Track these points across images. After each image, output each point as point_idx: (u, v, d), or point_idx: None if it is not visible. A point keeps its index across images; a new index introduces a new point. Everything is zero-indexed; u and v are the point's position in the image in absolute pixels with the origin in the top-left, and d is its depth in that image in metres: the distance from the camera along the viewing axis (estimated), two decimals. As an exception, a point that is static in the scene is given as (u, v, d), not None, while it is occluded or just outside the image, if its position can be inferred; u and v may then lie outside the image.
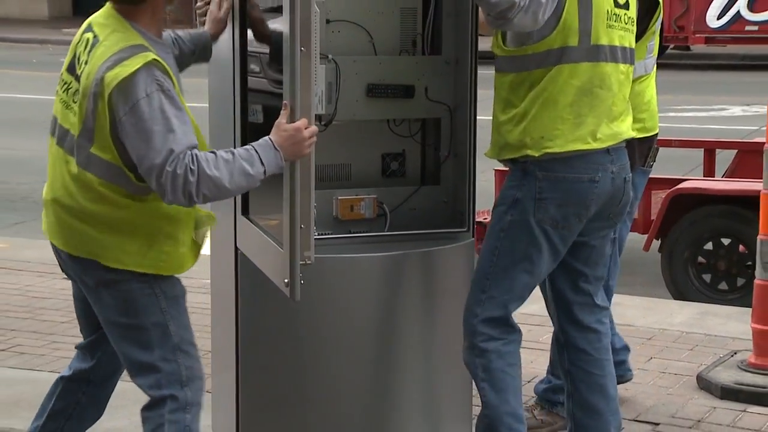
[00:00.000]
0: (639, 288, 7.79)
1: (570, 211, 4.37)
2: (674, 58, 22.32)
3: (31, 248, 8.70)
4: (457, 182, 4.79)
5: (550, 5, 4.10)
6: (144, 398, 3.99)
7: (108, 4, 3.90)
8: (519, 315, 5.05)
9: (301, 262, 3.87)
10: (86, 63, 3.78)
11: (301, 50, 3.72)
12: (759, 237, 5.89)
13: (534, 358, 5.87)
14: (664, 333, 6.58)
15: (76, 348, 4.40)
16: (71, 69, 3.89)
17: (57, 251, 4.05)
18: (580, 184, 4.38)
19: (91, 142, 3.75)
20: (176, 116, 3.68)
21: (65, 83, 3.92)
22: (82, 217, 3.87)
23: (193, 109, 3.85)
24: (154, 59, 3.67)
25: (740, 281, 7.37)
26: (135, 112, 3.64)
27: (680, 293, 7.50)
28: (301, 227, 3.87)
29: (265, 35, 4.70)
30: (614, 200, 4.50)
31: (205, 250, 4.63)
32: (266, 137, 3.74)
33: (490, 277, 4.47)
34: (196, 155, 3.62)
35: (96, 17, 3.93)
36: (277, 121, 3.76)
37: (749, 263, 7.00)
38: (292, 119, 3.74)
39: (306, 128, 3.70)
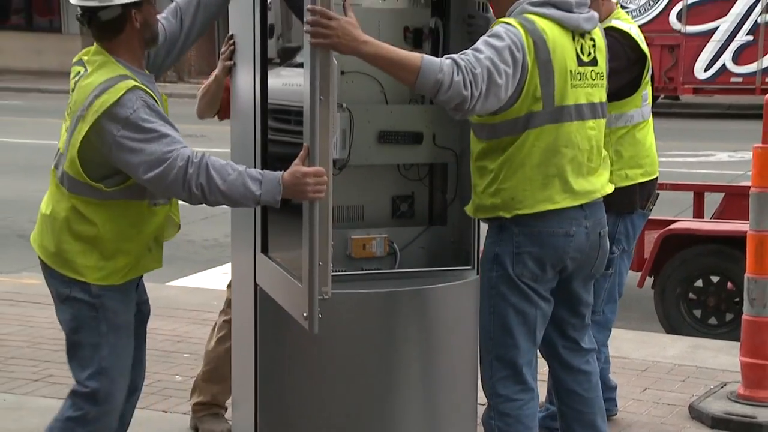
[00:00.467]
0: (634, 322, 7.76)
1: (547, 263, 4.35)
2: (664, 107, 22.41)
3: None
4: (462, 223, 4.76)
5: (511, 81, 4.07)
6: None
7: (96, 46, 4.07)
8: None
9: (319, 297, 3.85)
10: (73, 91, 3.98)
11: (320, 99, 3.71)
12: (746, 275, 5.89)
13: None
14: (657, 365, 6.56)
15: None
16: (70, 99, 4.05)
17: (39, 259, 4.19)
18: (555, 237, 4.34)
19: (65, 159, 3.96)
20: (166, 124, 3.87)
21: (67, 110, 4.09)
22: (52, 227, 4.07)
23: (215, 155, 3.88)
24: (136, 85, 3.82)
25: (729, 316, 7.37)
26: (128, 127, 3.80)
27: (672, 328, 7.49)
28: (319, 264, 3.85)
29: None
30: (591, 254, 4.47)
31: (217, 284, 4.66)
32: (281, 171, 3.79)
33: (494, 337, 4.45)
34: (198, 152, 3.79)
35: (85, 53, 4.08)
36: (296, 160, 3.78)
37: (737, 299, 7.00)
38: (309, 162, 3.74)
39: (316, 175, 3.70)
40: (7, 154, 17.67)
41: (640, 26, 5.47)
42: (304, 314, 3.95)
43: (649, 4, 23.06)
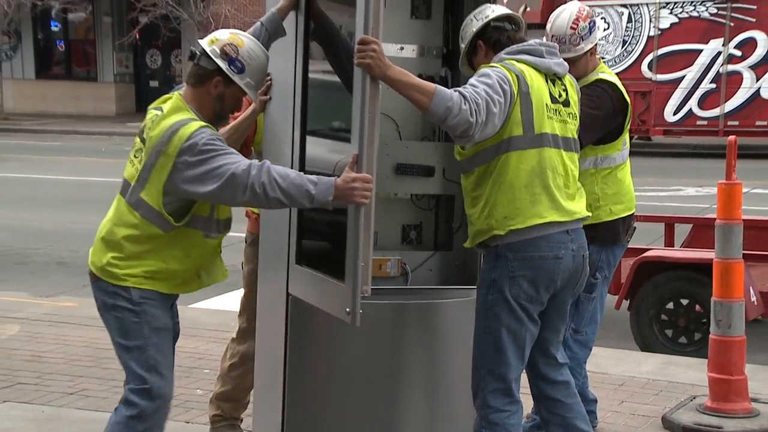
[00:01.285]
0: (611, 341, 7.71)
1: (540, 285, 4.38)
2: (638, 147, 22.37)
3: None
4: (466, 250, 4.74)
5: (503, 110, 4.17)
6: None
7: (176, 93, 4.13)
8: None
9: (360, 294, 3.92)
10: (151, 129, 4.00)
11: (368, 116, 3.85)
12: (712, 298, 5.87)
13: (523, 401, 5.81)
14: (633, 380, 6.52)
15: None
16: (141, 135, 4.10)
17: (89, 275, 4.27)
18: (546, 261, 4.38)
19: (143, 188, 3.95)
20: (229, 148, 3.92)
21: (135, 146, 4.10)
22: (113, 245, 4.12)
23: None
24: (206, 125, 3.89)
25: (697, 336, 7.34)
26: (197, 153, 3.86)
27: (646, 346, 7.47)
28: (361, 264, 3.91)
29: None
30: (575, 275, 4.51)
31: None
32: (334, 177, 3.85)
33: (487, 354, 4.45)
34: (259, 160, 3.89)
35: (162, 100, 4.16)
36: (345, 170, 3.84)
37: (704, 320, 6.99)
38: (357, 170, 3.82)
39: (364, 181, 3.79)
40: (47, 189, 17.64)
41: (615, 74, 5.47)
42: (347, 310, 3.99)
43: (624, 55, 23.24)
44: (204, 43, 4.07)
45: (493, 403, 4.46)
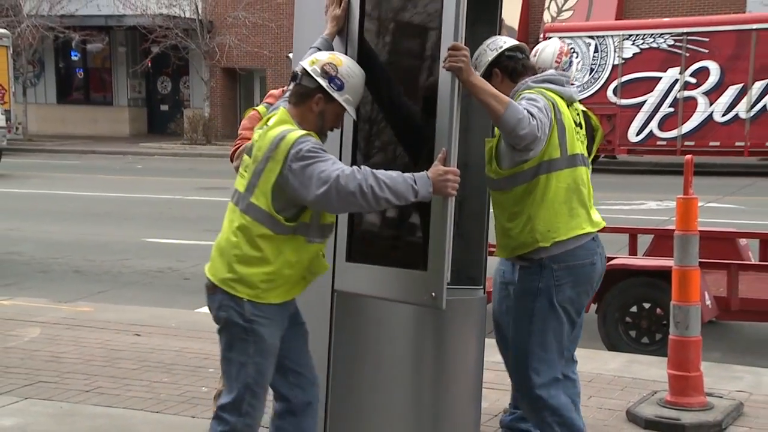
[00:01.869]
0: (581, 342, 7.67)
1: (581, 290, 4.56)
2: (604, 165, 22.48)
3: (111, 311, 8.64)
4: (464, 255, 4.85)
5: (547, 132, 4.26)
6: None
7: (281, 108, 4.06)
8: (489, 363, 5.03)
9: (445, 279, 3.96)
10: (259, 141, 3.97)
11: (456, 115, 3.96)
12: (672, 302, 5.86)
13: (499, 397, 5.79)
14: (600, 377, 6.50)
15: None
16: (249, 152, 4.05)
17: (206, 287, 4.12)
18: (584, 268, 4.53)
19: (251, 194, 3.92)
20: (335, 158, 3.90)
21: (244, 162, 4.08)
22: (224, 250, 3.99)
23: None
24: (309, 132, 3.90)
25: (658, 336, 7.32)
26: (302, 158, 3.80)
27: (612, 346, 7.45)
28: (448, 251, 3.94)
29: None
30: (600, 278, 4.67)
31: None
32: (425, 172, 3.82)
33: (530, 354, 4.54)
34: (361, 166, 3.81)
35: (266, 119, 4.12)
36: (435, 162, 3.86)
37: (665, 322, 6.97)
38: (446, 164, 3.86)
39: (455, 174, 3.83)
40: (66, 204, 17.56)
41: (584, 99, 5.50)
42: (433, 294, 3.97)
43: (591, 82, 23.39)
44: (305, 63, 4.00)
45: (545, 394, 4.55)
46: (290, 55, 5.26)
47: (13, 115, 28.64)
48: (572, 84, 4.92)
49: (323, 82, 3.93)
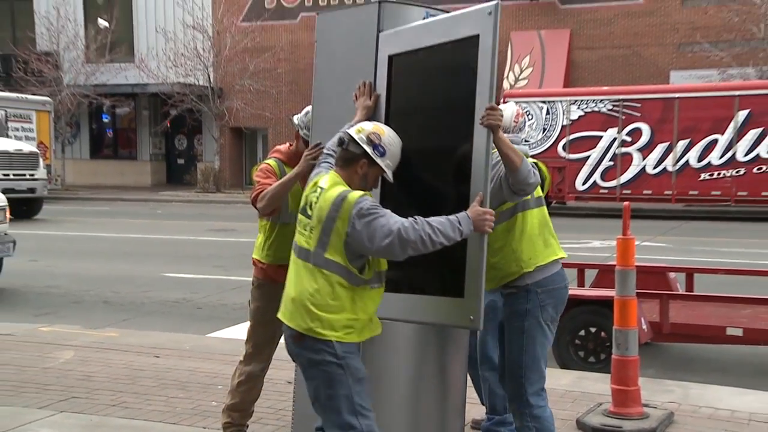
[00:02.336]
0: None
1: (559, 309, 4.66)
2: (556, 209, 22.51)
3: (134, 336, 8.58)
4: None
5: None
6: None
7: (331, 172, 4.03)
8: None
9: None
10: (316, 203, 3.91)
11: (490, 162, 3.96)
12: (614, 327, 5.86)
13: (468, 409, 5.75)
14: (553, 391, 6.41)
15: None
16: (304, 212, 4.00)
17: (286, 332, 4.01)
18: (561, 290, 4.66)
19: (325, 251, 3.85)
20: (390, 212, 3.83)
21: (302, 222, 4.01)
22: (305, 303, 3.88)
23: (241, 245, 3.82)
24: (365, 193, 3.89)
25: (602, 356, 7.31)
26: (365, 216, 3.77)
27: (564, 364, 7.43)
28: (481, 280, 3.93)
29: None
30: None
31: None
32: (465, 212, 3.84)
33: (526, 367, 4.56)
34: (414, 217, 3.79)
35: (316, 182, 4.06)
36: (473, 204, 3.88)
37: (608, 344, 6.97)
38: (482, 205, 3.88)
39: (491, 215, 3.87)
40: (97, 244, 17.52)
41: (538, 154, 5.53)
42: (471, 317, 3.95)
43: (544, 139, 23.70)
44: (351, 131, 3.96)
45: (535, 402, 4.56)
46: (294, 117, 5.25)
47: (53, 169, 28.69)
48: (526, 141, 4.98)
49: (368, 149, 3.91)
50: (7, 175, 22.01)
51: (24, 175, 22.72)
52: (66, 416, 6.02)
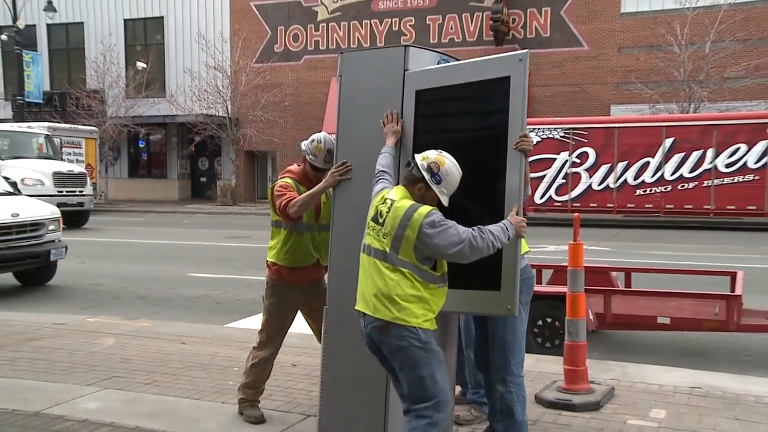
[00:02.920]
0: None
1: (530, 294, 4.64)
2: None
3: (164, 326, 8.53)
4: None
5: None
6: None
7: (400, 186, 4.02)
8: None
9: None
10: (388, 213, 3.86)
11: (523, 181, 4.04)
12: (566, 318, 5.87)
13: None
14: (515, 371, 6.47)
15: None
16: (375, 220, 3.94)
17: (366, 324, 3.90)
18: (531, 279, 4.65)
19: (398, 252, 3.81)
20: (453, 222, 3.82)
21: (375, 228, 3.93)
22: (390, 295, 3.80)
23: (253, 250, 3.78)
24: (433, 207, 3.85)
25: (557, 342, 7.31)
26: (435, 226, 3.75)
27: (525, 349, 7.40)
28: (516, 276, 4.00)
29: None
30: None
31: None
32: (507, 220, 3.93)
33: (510, 343, 4.55)
34: (477, 227, 3.82)
35: (384, 196, 4.01)
36: (511, 213, 3.97)
37: (561, 332, 6.94)
38: (518, 214, 3.98)
39: (525, 222, 3.98)
40: (133, 248, 17.46)
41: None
42: (509, 307, 4.00)
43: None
44: (418, 158, 3.95)
45: (517, 371, 4.56)
46: (302, 143, 5.22)
47: (98, 186, 29.05)
48: None
49: (427, 176, 3.89)
50: (61, 191, 22.13)
51: (74, 191, 22.82)
52: (109, 392, 6.00)
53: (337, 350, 4.62)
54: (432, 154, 3.94)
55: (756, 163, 21.37)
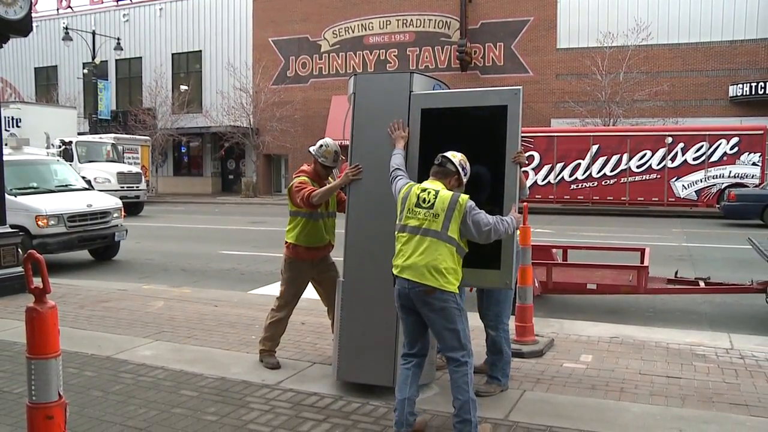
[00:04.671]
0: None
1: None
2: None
3: (201, 293, 8.46)
4: None
5: None
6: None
7: (436, 180, 3.93)
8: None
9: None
10: (435, 198, 3.79)
11: (517, 187, 4.09)
12: (517, 285, 5.75)
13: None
14: (477, 327, 6.45)
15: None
16: (418, 205, 3.82)
17: (411, 287, 3.76)
18: None
19: (447, 230, 3.75)
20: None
21: (419, 212, 3.82)
22: (438, 267, 3.74)
23: (269, 233, 3.75)
24: (467, 196, 3.83)
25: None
26: (473, 214, 3.77)
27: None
28: (513, 258, 4.06)
29: None
30: None
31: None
32: (511, 215, 3.94)
33: (501, 303, 4.66)
34: (498, 216, 3.86)
35: (424, 186, 3.90)
36: (512, 211, 3.99)
37: (514, 297, 6.90)
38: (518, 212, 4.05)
39: (520, 217, 4.04)
40: (176, 231, 17.32)
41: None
42: (506, 282, 4.06)
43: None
44: (448, 155, 3.92)
45: (506, 321, 4.73)
46: (311, 148, 5.12)
47: (150, 183, 29.09)
48: None
49: (461, 170, 3.90)
50: (123, 187, 22.41)
51: (132, 187, 23.02)
52: (159, 343, 5.98)
53: (353, 313, 4.59)
54: (458, 154, 3.97)
55: (658, 165, 21.71)
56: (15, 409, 4.36)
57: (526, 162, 4.12)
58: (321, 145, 5.06)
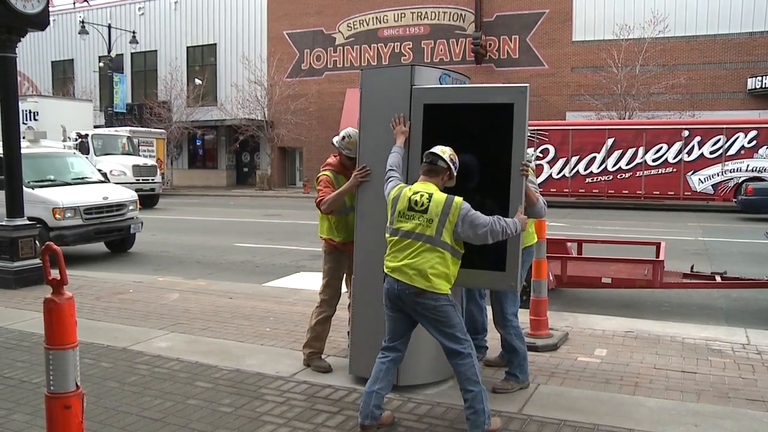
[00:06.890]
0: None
1: (527, 268, 4.77)
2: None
3: (215, 285, 8.47)
4: None
5: None
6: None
7: (427, 182, 3.85)
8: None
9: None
10: (429, 202, 3.73)
11: (522, 194, 3.98)
12: (532, 279, 5.78)
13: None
14: (490, 321, 6.44)
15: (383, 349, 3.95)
16: (411, 209, 3.77)
17: (402, 289, 3.74)
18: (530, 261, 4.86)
19: (441, 236, 3.70)
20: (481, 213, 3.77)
21: (411, 216, 3.77)
22: (425, 271, 3.70)
23: (283, 226, 3.73)
24: (462, 199, 3.77)
25: (524, 298, 7.16)
26: (468, 216, 3.71)
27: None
28: (518, 260, 3.99)
29: None
30: None
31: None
32: (515, 218, 3.88)
33: (512, 303, 4.60)
34: (496, 216, 3.79)
35: (416, 187, 3.84)
36: (517, 214, 3.91)
37: (529, 290, 6.81)
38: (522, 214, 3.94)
39: (526, 220, 3.94)
40: (192, 224, 17.41)
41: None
42: (512, 284, 4.00)
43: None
44: (436, 150, 3.85)
45: (511, 318, 4.65)
46: (334, 140, 5.00)
47: (165, 176, 29.23)
48: (532, 182, 4.75)
49: (452, 166, 3.84)
50: (138, 180, 22.57)
51: (148, 179, 23.15)
52: (175, 335, 6.01)
53: (364, 310, 4.59)
54: (447, 149, 3.88)
55: (674, 158, 21.49)
56: (34, 398, 4.42)
57: (528, 174, 4.05)
58: (344, 137, 4.96)
